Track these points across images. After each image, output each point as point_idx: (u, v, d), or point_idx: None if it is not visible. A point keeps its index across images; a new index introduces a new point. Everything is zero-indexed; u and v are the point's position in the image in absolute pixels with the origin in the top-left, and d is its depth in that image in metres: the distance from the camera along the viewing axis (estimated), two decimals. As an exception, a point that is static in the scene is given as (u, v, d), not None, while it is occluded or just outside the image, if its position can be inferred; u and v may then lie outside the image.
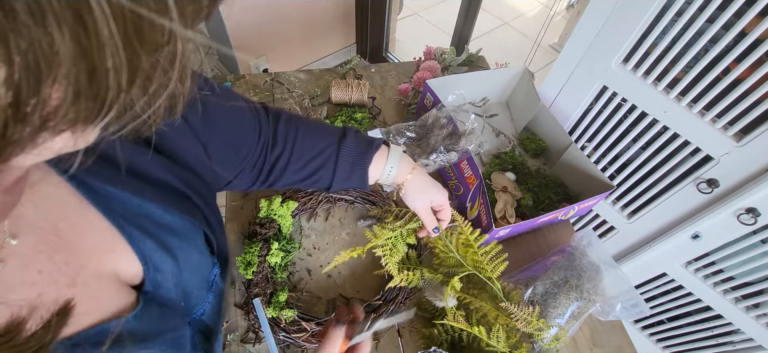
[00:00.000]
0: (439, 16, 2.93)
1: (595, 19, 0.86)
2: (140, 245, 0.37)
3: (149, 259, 0.38)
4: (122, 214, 0.36)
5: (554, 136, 0.94)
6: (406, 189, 0.60)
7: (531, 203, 0.87)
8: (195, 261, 0.45)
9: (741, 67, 0.69)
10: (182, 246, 0.42)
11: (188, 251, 0.43)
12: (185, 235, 0.42)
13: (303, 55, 2.20)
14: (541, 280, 0.70)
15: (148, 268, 0.38)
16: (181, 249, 0.41)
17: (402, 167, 0.60)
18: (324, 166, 0.57)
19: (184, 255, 0.42)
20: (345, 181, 0.58)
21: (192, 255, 0.44)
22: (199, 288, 0.47)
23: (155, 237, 0.38)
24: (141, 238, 0.37)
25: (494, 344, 0.62)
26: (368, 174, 0.58)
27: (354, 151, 0.58)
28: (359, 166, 0.57)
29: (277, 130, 0.54)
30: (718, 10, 0.69)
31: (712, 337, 1.04)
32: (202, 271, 0.47)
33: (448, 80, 0.95)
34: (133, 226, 0.36)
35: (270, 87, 1.06)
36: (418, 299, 0.74)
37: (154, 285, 0.39)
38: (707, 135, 0.79)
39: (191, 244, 0.43)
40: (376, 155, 0.58)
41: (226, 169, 0.51)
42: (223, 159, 0.49)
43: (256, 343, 0.67)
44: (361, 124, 0.97)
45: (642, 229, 1.02)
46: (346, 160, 0.57)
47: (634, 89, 0.87)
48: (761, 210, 0.76)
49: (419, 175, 0.61)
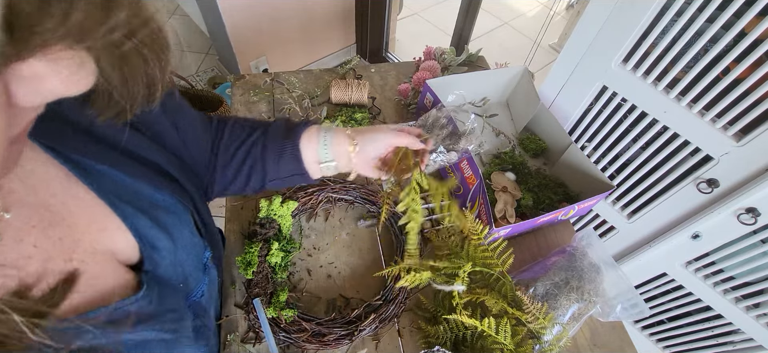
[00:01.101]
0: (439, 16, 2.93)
1: (595, 19, 0.86)
2: (134, 222, 0.37)
3: (145, 237, 0.38)
4: (114, 192, 0.36)
5: (554, 136, 0.94)
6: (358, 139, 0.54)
7: (531, 203, 0.87)
8: (188, 240, 0.45)
9: (741, 66, 0.69)
10: (175, 223, 0.42)
11: (180, 229, 0.43)
12: (176, 214, 0.43)
13: (303, 55, 2.20)
14: (542, 281, 0.70)
15: (144, 246, 0.38)
16: (175, 227, 0.42)
17: (337, 135, 0.55)
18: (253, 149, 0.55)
19: (178, 233, 0.42)
20: (277, 162, 0.54)
21: (184, 233, 0.44)
22: (195, 270, 0.48)
23: (149, 214, 0.38)
24: (135, 215, 0.37)
25: (501, 339, 0.62)
26: (300, 149, 0.54)
27: (281, 128, 0.55)
28: (290, 143, 0.54)
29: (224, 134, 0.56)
30: (717, 10, 0.69)
31: (712, 337, 1.04)
32: (196, 251, 0.48)
33: (448, 80, 0.95)
34: (125, 203, 0.36)
35: (270, 87, 1.06)
36: (417, 299, 0.74)
37: (153, 264, 0.39)
38: (707, 135, 0.79)
39: (183, 223, 0.44)
40: (306, 131, 0.55)
41: (200, 162, 0.52)
42: (195, 151, 0.51)
43: (256, 343, 0.67)
44: (360, 124, 0.97)
45: (642, 229, 1.02)
46: (274, 140, 0.54)
47: (634, 89, 0.87)
48: (761, 210, 0.76)
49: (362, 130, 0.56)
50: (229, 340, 0.67)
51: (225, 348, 0.66)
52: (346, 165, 0.56)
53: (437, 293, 0.74)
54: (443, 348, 0.65)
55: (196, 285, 0.48)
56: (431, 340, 0.68)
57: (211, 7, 1.73)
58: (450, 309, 0.68)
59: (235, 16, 1.75)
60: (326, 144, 0.54)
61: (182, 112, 0.48)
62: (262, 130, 0.56)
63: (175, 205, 0.43)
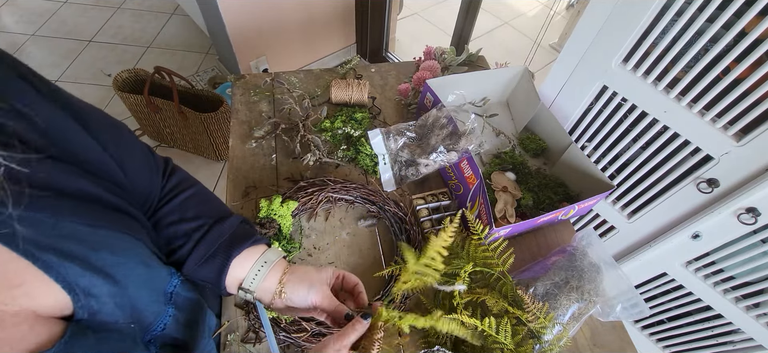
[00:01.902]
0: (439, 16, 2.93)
1: (595, 19, 0.86)
2: (61, 272, 0.33)
3: (76, 285, 0.34)
4: (32, 240, 0.31)
5: (554, 136, 0.94)
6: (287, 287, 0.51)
7: (531, 203, 0.87)
8: (141, 275, 0.41)
9: (741, 66, 0.69)
10: (120, 262, 0.38)
11: (129, 267, 0.39)
12: (123, 250, 0.39)
13: (303, 55, 2.20)
14: (542, 281, 0.70)
15: (76, 296, 0.34)
16: (119, 266, 0.38)
17: (276, 269, 0.51)
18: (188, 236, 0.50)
19: (125, 272, 0.38)
20: (198, 263, 0.50)
21: (135, 270, 0.40)
22: (153, 303, 0.44)
23: (81, 259, 0.34)
24: (61, 264, 0.33)
25: (501, 339, 0.62)
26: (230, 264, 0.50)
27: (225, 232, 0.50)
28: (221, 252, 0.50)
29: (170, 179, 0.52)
30: (718, 9, 0.69)
31: (712, 337, 1.04)
32: (155, 284, 0.44)
33: (448, 80, 0.95)
34: (48, 252, 0.32)
35: (270, 87, 1.06)
36: (417, 299, 0.74)
37: (90, 311, 0.35)
38: (707, 134, 0.79)
39: (132, 259, 0.40)
40: (249, 249, 0.51)
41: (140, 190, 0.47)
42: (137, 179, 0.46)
43: (256, 343, 0.67)
44: (361, 124, 0.97)
45: (642, 229, 1.02)
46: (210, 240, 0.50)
47: (634, 89, 0.87)
48: (761, 209, 0.76)
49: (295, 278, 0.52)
50: (229, 340, 0.67)
51: (225, 348, 0.66)
52: (267, 301, 0.52)
53: (437, 293, 0.74)
54: (443, 348, 0.65)
55: (156, 318, 0.44)
56: (431, 340, 0.68)
57: (211, 7, 1.73)
58: (450, 309, 0.68)
59: (235, 16, 1.75)
60: (256, 276, 0.51)
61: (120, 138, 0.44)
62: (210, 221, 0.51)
63: (119, 240, 0.39)
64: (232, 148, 0.92)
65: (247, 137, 0.95)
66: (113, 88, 1.67)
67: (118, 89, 1.67)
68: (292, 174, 0.89)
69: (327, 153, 0.92)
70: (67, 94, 0.40)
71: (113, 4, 2.67)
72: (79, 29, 2.47)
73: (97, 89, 2.16)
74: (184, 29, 2.56)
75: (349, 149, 0.93)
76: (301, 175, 0.89)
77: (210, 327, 0.63)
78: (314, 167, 0.90)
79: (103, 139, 0.40)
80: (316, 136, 0.93)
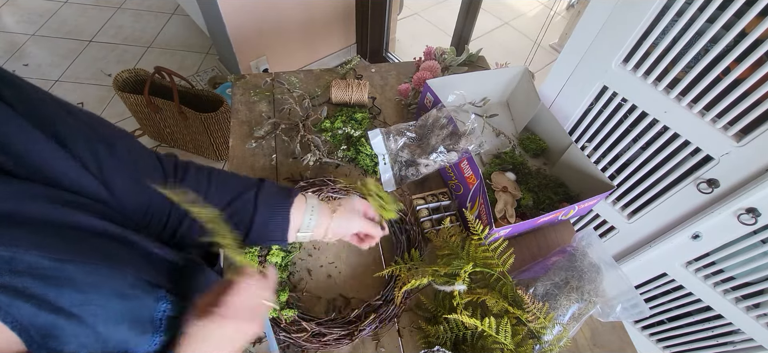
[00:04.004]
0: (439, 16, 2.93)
1: (595, 19, 0.86)
2: (11, 312, 0.29)
3: (30, 327, 0.30)
4: None
5: (554, 136, 0.94)
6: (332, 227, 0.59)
7: (531, 203, 0.87)
8: (115, 310, 0.36)
9: (741, 67, 0.69)
10: (88, 299, 0.33)
11: (99, 304, 0.35)
12: (93, 286, 0.34)
13: (303, 55, 2.20)
14: (542, 281, 0.70)
15: (30, 339, 0.30)
16: (86, 305, 0.33)
17: (322, 211, 0.59)
18: (241, 210, 0.53)
19: (93, 310, 0.34)
20: (264, 228, 0.54)
21: (108, 306, 0.35)
22: (134, 337, 0.39)
23: (38, 298, 0.30)
24: (11, 303, 0.29)
25: (501, 339, 0.62)
26: (290, 218, 0.56)
27: (273, 193, 0.55)
28: (281, 209, 0.55)
29: (186, 179, 0.51)
30: (718, 10, 0.69)
31: (713, 337, 1.04)
32: (135, 315, 0.39)
33: (448, 80, 0.95)
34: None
35: (270, 87, 1.06)
36: (417, 299, 0.74)
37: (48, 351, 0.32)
38: (707, 135, 0.79)
39: (103, 295, 0.35)
40: (296, 200, 0.57)
41: (134, 208, 0.45)
42: (129, 196, 0.43)
43: (256, 343, 0.67)
44: (361, 124, 0.97)
45: (642, 229, 1.02)
46: (265, 204, 0.54)
47: (634, 89, 0.87)
48: (761, 210, 0.76)
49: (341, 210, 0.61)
50: (230, 340, 0.67)
51: (225, 348, 0.66)
52: (322, 236, 0.61)
53: (437, 293, 0.74)
54: (443, 348, 0.65)
55: (137, 349, 0.40)
56: (431, 340, 0.68)
57: (211, 7, 1.73)
58: (450, 309, 0.68)
59: (235, 16, 1.75)
60: (312, 216, 0.58)
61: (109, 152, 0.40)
62: (254, 190, 0.54)
63: (91, 274, 0.34)
64: (232, 148, 0.92)
65: (247, 137, 0.95)
66: (113, 88, 1.67)
67: (118, 89, 1.67)
68: (292, 174, 0.89)
69: (327, 153, 0.92)
70: (55, 107, 0.37)
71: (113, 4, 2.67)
72: (79, 29, 2.47)
73: (97, 89, 2.16)
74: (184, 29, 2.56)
75: (349, 149, 0.93)
76: (301, 175, 0.89)
77: None
78: (314, 167, 0.90)
79: (83, 156, 0.38)
80: (316, 136, 0.93)
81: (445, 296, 0.72)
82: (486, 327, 0.61)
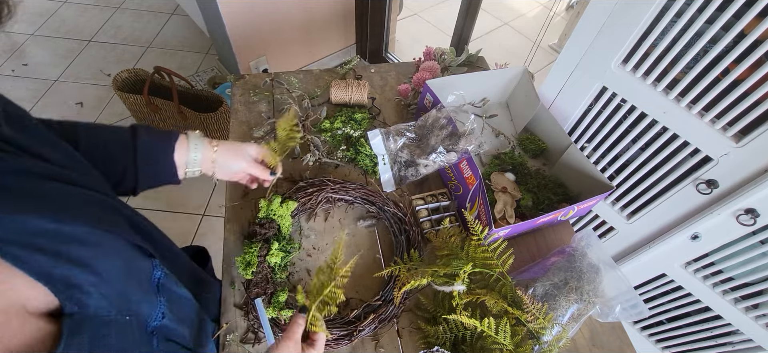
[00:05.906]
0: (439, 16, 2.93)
1: (594, 20, 0.86)
2: (32, 264, 0.32)
3: (52, 277, 0.33)
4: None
5: (554, 137, 0.94)
6: (217, 160, 0.63)
7: (530, 203, 0.87)
8: (120, 267, 0.40)
9: (740, 67, 0.69)
10: (94, 254, 0.37)
11: (107, 259, 0.39)
12: (94, 244, 0.38)
13: (303, 56, 2.20)
14: (541, 282, 0.70)
15: (55, 286, 0.33)
16: (95, 258, 0.37)
17: (205, 145, 0.62)
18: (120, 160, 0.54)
19: (103, 264, 0.38)
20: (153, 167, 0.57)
21: (114, 263, 0.40)
22: (145, 294, 0.44)
23: (51, 251, 0.34)
24: (30, 256, 0.32)
25: (501, 339, 0.62)
26: (175, 161, 0.58)
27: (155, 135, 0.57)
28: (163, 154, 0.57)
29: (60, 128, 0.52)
30: (717, 11, 0.69)
31: (712, 338, 1.04)
32: (139, 276, 0.44)
33: (447, 81, 0.95)
34: (14, 246, 0.32)
35: (270, 87, 1.06)
36: (417, 299, 0.74)
37: (77, 303, 0.34)
38: (707, 135, 0.79)
39: (107, 252, 0.39)
40: (180, 137, 0.59)
41: None
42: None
43: (255, 343, 0.67)
44: (360, 124, 0.97)
45: (641, 230, 1.02)
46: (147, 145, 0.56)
47: (633, 90, 0.87)
48: (760, 210, 0.76)
49: (225, 144, 0.64)
50: (229, 340, 0.67)
51: (224, 348, 0.66)
52: (210, 169, 0.64)
53: (437, 293, 0.74)
54: (442, 348, 0.65)
55: (150, 310, 0.44)
56: (431, 340, 0.68)
57: (211, 7, 1.73)
58: (450, 310, 0.68)
59: (235, 16, 1.75)
60: (197, 151, 0.60)
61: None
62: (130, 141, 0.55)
63: (90, 234, 0.38)
64: (231, 148, 0.92)
65: (246, 137, 0.95)
66: (113, 87, 1.67)
67: (118, 89, 1.67)
68: (291, 174, 0.89)
69: (326, 153, 0.92)
70: None
71: (113, 4, 2.67)
72: (79, 29, 2.47)
73: (96, 89, 2.15)
74: (184, 29, 2.56)
75: (348, 149, 0.93)
76: (300, 175, 0.89)
77: (207, 334, 0.63)
78: (314, 167, 0.90)
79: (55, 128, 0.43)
80: (315, 137, 0.93)
81: (444, 296, 0.72)
82: (485, 327, 0.61)
